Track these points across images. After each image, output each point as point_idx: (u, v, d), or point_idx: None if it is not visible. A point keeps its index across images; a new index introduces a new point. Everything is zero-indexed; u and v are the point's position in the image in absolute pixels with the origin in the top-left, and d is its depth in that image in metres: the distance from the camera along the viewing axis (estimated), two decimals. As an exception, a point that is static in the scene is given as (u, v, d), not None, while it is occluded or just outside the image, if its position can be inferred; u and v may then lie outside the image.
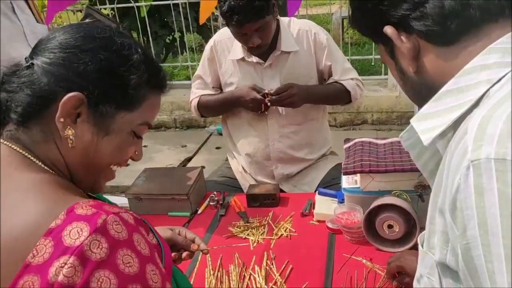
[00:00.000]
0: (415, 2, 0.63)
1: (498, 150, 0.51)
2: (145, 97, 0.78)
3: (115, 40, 0.75)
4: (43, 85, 0.71)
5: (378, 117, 3.94)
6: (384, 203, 1.33)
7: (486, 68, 0.60)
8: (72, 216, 0.61)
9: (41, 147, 0.73)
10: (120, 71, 0.74)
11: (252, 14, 1.60)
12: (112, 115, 0.75)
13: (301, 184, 1.93)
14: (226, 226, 1.56)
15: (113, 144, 0.76)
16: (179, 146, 3.99)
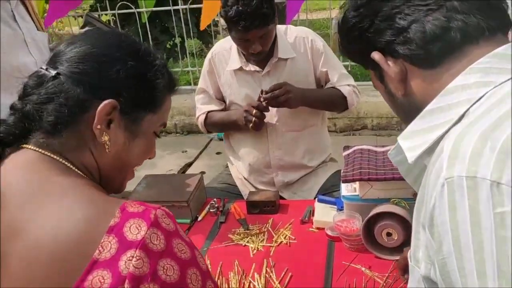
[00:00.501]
0: (398, 28, 0.67)
1: (469, 168, 0.53)
2: (165, 99, 0.83)
3: (139, 47, 0.80)
4: (77, 94, 0.73)
5: (378, 123, 3.95)
6: (383, 211, 1.33)
7: (467, 88, 0.62)
8: (126, 214, 0.66)
9: (74, 153, 0.76)
10: (148, 76, 0.78)
11: (259, 21, 1.62)
12: (142, 118, 0.79)
13: (301, 191, 1.94)
14: (226, 233, 1.56)
15: (141, 145, 0.81)
16: (179, 151, 4.00)
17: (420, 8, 0.65)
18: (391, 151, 0.76)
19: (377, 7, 0.70)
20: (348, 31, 0.76)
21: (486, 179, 0.52)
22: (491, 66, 0.62)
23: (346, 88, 1.87)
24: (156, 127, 0.83)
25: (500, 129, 0.54)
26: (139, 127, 0.79)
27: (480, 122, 0.57)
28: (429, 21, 0.65)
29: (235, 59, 1.84)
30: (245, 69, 1.84)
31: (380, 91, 0.79)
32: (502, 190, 0.51)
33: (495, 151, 0.52)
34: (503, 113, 0.56)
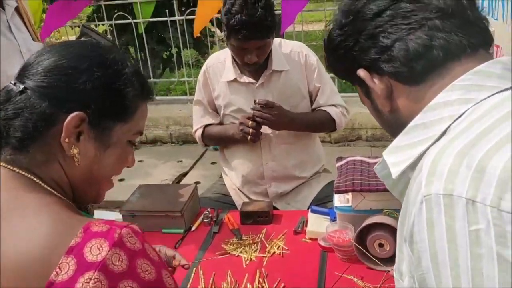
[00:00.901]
0: (382, 47, 0.69)
1: (446, 186, 0.54)
2: (138, 107, 0.81)
3: (107, 56, 0.78)
4: (43, 108, 0.72)
5: (373, 134, 3.97)
6: (375, 222, 1.34)
7: (449, 105, 0.64)
8: (89, 234, 0.64)
9: (43, 168, 0.75)
10: (116, 85, 0.77)
11: (260, 33, 1.64)
12: (111, 128, 0.78)
13: (295, 201, 1.95)
14: (219, 243, 1.57)
15: (114, 156, 0.80)
16: (174, 161, 4.00)
17: (402, 27, 0.67)
18: (376, 166, 0.77)
19: (361, 26, 0.71)
20: (333, 49, 0.78)
21: (461, 197, 0.53)
22: (472, 83, 0.63)
23: (334, 110, 1.91)
24: (130, 136, 0.82)
25: (477, 147, 0.55)
26: (110, 138, 0.78)
27: (458, 139, 0.58)
28: (411, 39, 0.67)
29: (230, 70, 1.86)
30: (240, 81, 1.85)
31: (367, 106, 0.81)
32: (477, 208, 0.52)
33: (471, 169, 0.53)
34: (481, 130, 0.57)
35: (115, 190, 3.23)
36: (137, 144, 4.41)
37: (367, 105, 0.80)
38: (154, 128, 4.42)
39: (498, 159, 0.53)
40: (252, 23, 1.61)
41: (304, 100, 1.90)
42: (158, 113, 4.45)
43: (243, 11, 1.61)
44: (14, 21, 1.58)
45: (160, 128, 4.42)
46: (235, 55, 1.78)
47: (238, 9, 1.62)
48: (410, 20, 0.67)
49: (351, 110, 3.90)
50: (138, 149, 4.34)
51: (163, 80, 5.22)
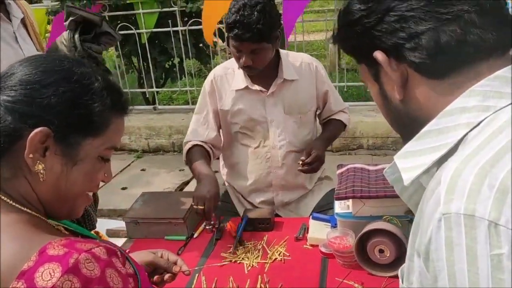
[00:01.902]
0: (411, 33, 0.62)
1: (468, 205, 0.52)
2: (110, 122, 0.79)
3: (75, 71, 0.77)
4: (8, 123, 0.71)
5: (374, 142, 3.99)
6: (375, 228, 1.36)
7: (466, 111, 0.60)
8: (44, 257, 0.62)
9: (10, 183, 0.74)
10: (83, 100, 0.75)
11: (250, 35, 1.66)
12: (79, 144, 0.76)
13: (297, 208, 1.97)
14: (221, 249, 1.58)
15: (83, 172, 0.78)
16: (176, 170, 4.02)
17: (437, 16, 0.61)
18: (386, 169, 0.74)
19: (390, 5, 0.64)
20: (349, 24, 0.70)
21: (484, 219, 0.50)
22: (491, 90, 0.60)
23: (344, 116, 2.06)
24: (101, 151, 0.79)
25: (499, 165, 0.52)
26: (78, 153, 0.76)
27: (479, 154, 0.55)
28: (444, 31, 0.61)
29: (241, 79, 1.87)
30: (251, 89, 1.86)
31: (372, 90, 0.75)
32: (500, 231, 0.50)
33: (493, 189, 0.51)
34: (503, 146, 0.54)
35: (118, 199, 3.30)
36: (140, 153, 4.44)
37: (373, 88, 0.74)
38: (156, 137, 4.45)
39: None
40: (244, 23, 1.64)
41: (312, 109, 1.95)
42: (160, 122, 4.49)
43: (240, 11, 1.66)
44: (20, 32, 1.61)
45: (163, 137, 4.45)
46: (234, 56, 1.81)
47: (236, 10, 1.67)
48: (447, 9, 0.61)
49: (353, 119, 3.94)
50: (140, 158, 4.37)
51: (165, 89, 5.26)
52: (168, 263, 1.15)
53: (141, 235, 1.70)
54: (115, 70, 4.84)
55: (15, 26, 1.59)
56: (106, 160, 0.82)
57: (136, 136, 4.46)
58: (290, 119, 1.89)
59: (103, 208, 3.23)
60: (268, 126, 1.88)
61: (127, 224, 1.72)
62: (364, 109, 4.19)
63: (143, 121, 4.53)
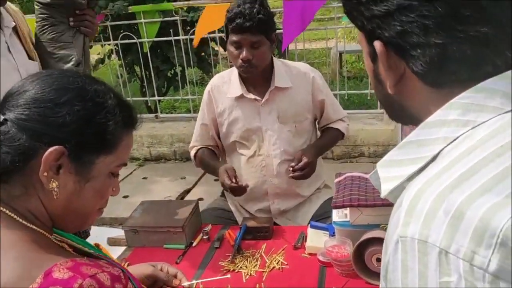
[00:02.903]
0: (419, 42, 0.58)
1: (422, 231, 0.51)
2: (121, 139, 0.80)
3: (88, 88, 0.77)
4: (22, 141, 0.71)
5: (375, 150, 4.00)
6: (373, 236, 1.36)
7: (445, 125, 0.58)
8: (49, 280, 0.62)
9: (21, 201, 0.74)
10: (96, 119, 0.75)
11: (252, 24, 1.71)
12: (93, 162, 0.76)
13: (295, 217, 1.97)
14: (220, 258, 1.59)
15: (95, 189, 0.78)
16: (178, 178, 4.03)
17: (451, 32, 0.56)
18: (371, 175, 0.73)
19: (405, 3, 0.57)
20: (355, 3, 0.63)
21: (435, 246, 0.50)
22: (472, 102, 0.56)
23: (342, 124, 2.05)
24: (112, 168, 0.80)
25: (459, 189, 0.51)
26: (91, 171, 0.77)
27: (442, 176, 0.53)
28: (455, 50, 0.56)
29: (237, 87, 1.89)
30: (246, 97, 1.88)
31: (367, 66, 0.71)
32: (450, 259, 0.49)
33: (448, 215, 0.50)
34: (468, 168, 0.52)
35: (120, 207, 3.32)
36: (142, 161, 4.45)
37: (368, 66, 0.70)
38: (158, 145, 4.46)
39: (478, 206, 0.48)
40: (246, 13, 1.70)
41: (307, 118, 1.95)
42: (162, 131, 4.51)
43: (240, 6, 1.72)
44: (12, 41, 1.60)
45: (164, 145, 4.46)
46: (231, 57, 1.83)
47: (236, 5, 1.74)
48: (463, 27, 0.55)
49: (354, 126, 3.99)
50: (142, 166, 4.38)
51: (167, 98, 5.29)
52: (168, 276, 1.15)
53: (140, 243, 1.70)
54: (117, 79, 4.88)
55: (7, 36, 1.59)
56: (116, 175, 0.83)
57: (138, 144, 4.48)
58: (284, 128, 1.90)
59: (105, 217, 3.24)
60: (263, 135, 1.89)
61: (126, 232, 1.72)
62: (365, 117, 4.20)
63: (145, 130, 4.54)
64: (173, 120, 4.76)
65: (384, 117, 4.04)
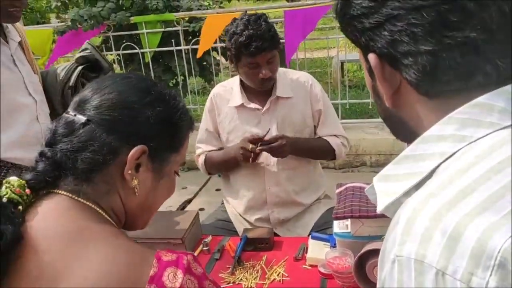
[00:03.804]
0: (410, 50, 0.57)
1: (418, 250, 0.50)
2: (186, 138, 0.87)
3: (165, 91, 0.83)
4: (109, 141, 0.75)
5: (377, 159, 3.98)
6: (374, 248, 1.34)
7: (442, 140, 0.57)
8: (162, 263, 0.69)
9: (105, 199, 0.77)
10: (174, 120, 0.82)
11: (268, 43, 1.74)
12: (168, 160, 0.82)
13: (295, 227, 1.96)
14: (220, 270, 1.57)
15: (167, 185, 0.84)
16: (179, 188, 4.02)
17: (440, 39, 0.55)
18: (367, 189, 0.72)
19: (395, 12, 0.57)
20: (345, 18, 0.64)
21: (432, 266, 0.49)
22: (469, 117, 0.56)
23: (335, 140, 1.97)
24: (177, 166, 0.86)
25: (456, 208, 0.50)
26: (165, 168, 0.82)
27: (440, 194, 0.52)
28: (444, 57, 0.56)
29: (238, 96, 1.91)
30: (247, 106, 1.90)
31: (366, 80, 0.71)
32: (446, 280, 0.48)
33: (445, 236, 0.49)
34: (465, 186, 0.51)
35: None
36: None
37: (368, 80, 0.70)
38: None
39: (475, 226, 0.47)
40: (259, 35, 1.72)
41: (307, 128, 1.95)
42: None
43: (248, 27, 1.72)
44: (17, 55, 1.65)
45: (166, 155, 4.45)
46: (248, 78, 1.83)
47: (243, 27, 1.73)
48: (452, 33, 0.55)
49: (355, 135, 3.98)
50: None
51: (169, 107, 5.29)
52: None
53: (140, 255, 1.69)
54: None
55: (13, 49, 1.62)
56: (177, 173, 0.88)
57: (140, 154, 4.48)
58: None
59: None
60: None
61: (126, 244, 1.71)
62: (367, 126, 4.20)
63: (147, 139, 4.54)
64: (175, 130, 4.76)
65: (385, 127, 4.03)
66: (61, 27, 4.21)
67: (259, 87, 1.85)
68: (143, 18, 4.27)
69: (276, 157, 1.84)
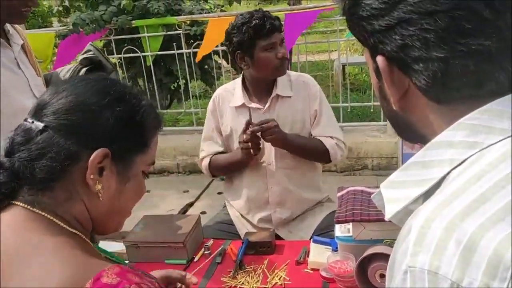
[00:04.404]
0: (421, 56, 0.56)
1: (432, 261, 0.49)
2: (153, 137, 0.84)
3: (125, 90, 0.79)
4: (68, 146, 0.72)
5: (379, 163, 3.98)
6: (376, 252, 1.34)
7: (452, 146, 0.56)
8: (98, 284, 0.64)
9: (65, 206, 0.74)
10: (136, 119, 0.79)
11: (278, 22, 1.83)
12: (133, 161, 0.79)
13: (297, 229, 1.96)
14: (221, 274, 1.57)
15: (134, 187, 0.81)
16: (181, 191, 4.02)
17: (453, 45, 0.54)
18: (374, 196, 0.72)
19: (406, 16, 0.56)
20: (354, 18, 0.62)
21: (447, 278, 0.48)
22: (480, 124, 0.54)
23: (329, 141, 1.93)
24: (145, 166, 0.83)
25: (470, 218, 0.48)
26: (131, 170, 0.79)
27: (453, 203, 0.51)
28: (456, 64, 0.54)
29: (239, 96, 1.94)
30: (248, 106, 1.91)
31: (373, 81, 0.69)
32: None
33: (460, 246, 0.47)
34: (479, 195, 0.50)
35: (121, 221, 3.15)
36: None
37: (374, 81, 0.69)
38: (161, 158, 4.46)
39: (491, 236, 0.46)
40: (269, 16, 1.81)
41: (305, 128, 1.96)
42: (165, 144, 4.50)
43: (254, 14, 1.80)
44: (21, 58, 1.66)
45: (167, 158, 4.46)
46: (266, 63, 1.83)
47: (249, 16, 1.80)
48: (465, 40, 0.53)
49: (357, 139, 3.97)
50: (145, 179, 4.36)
51: (170, 111, 5.30)
52: (180, 274, 1.22)
53: (142, 259, 1.69)
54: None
55: (16, 52, 1.64)
56: (146, 175, 0.86)
57: (141, 157, 4.48)
58: None
59: (107, 230, 3.22)
60: (264, 143, 1.88)
61: (127, 247, 1.71)
62: (369, 129, 4.19)
63: (148, 143, 4.54)
64: (176, 133, 4.77)
65: (387, 130, 4.03)
66: (62, 31, 4.22)
67: (277, 71, 1.86)
68: (144, 22, 4.28)
69: (268, 140, 1.82)
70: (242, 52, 1.84)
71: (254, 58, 1.83)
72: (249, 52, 1.83)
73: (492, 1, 0.52)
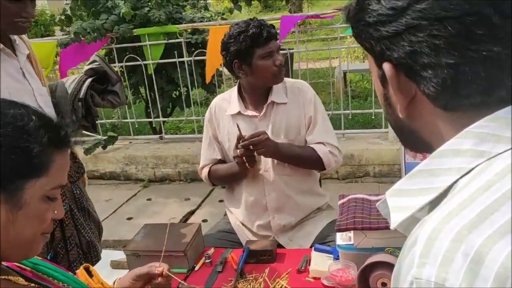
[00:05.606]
0: (430, 63, 0.55)
1: (439, 274, 0.48)
2: (51, 160, 0.77)
3: (6, 113, 0.74)
4: None
5: (380, 170, 3.96)
6: (378, 260, 1.33)
7: (459, 155, 0.55)
8: None
9: None
10: (19, 144, 0.72)
11: (274, 30, 1.85)
12: (22, 188, 0.73)
13: (297, 237, 1.95)
14: (222, 283, 1.56)
15: (29, 215, 0.75)
16: (182, 199, 4.01)
17: (463, 51, 0.53)
18: (379, 204, 0.71)
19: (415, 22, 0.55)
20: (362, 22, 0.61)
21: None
22: (488, 132, 0.54)
23: (323, 148, 1.92)
24: (47, 191, 0.77)
25: (478, 230, 0.48)
26: (21, 198, 0.74)
27: (460, 214, 0.50)
28: (466, 71, 0.54)
29: (235, 104, 1.96)
30: (244, 114, 1.93)
31: (377, 88, 0.68)
32: None
33: (467, 259, 0.47)
34: (486, 206, 0.49)
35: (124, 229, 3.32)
36: (146, 183, 4.44)
37: (379, 92, 0.68)
38: (162, 166, 4.46)
39: (499, 249, 0.45)
40: (265, 24, 1.82)
41: (300, 134, 1.96)
42: (166, 151, 4.51)
43: (250, 23, 1.81)
44: (26, 68, 1.67)
45: (169, 166, 4.46)
46: (264, 71, 1.83)
47: (245, 25, 1.81)
48: (476, 46, 0.53)
49: (358, 146, 3.97)
50: (147, 188, 4.37)
51: (171, 119, 5.31)
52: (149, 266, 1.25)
53: (142, 267, 1.68)
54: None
55: (22, 62, 1.65)
56: (53, 199, 0.79)
57: (143, 165, 4.48)
58: (278, 141, 1.89)
59: (108, 239, 3.21)
60: None
61: (127, 256, 1.70)
62: (370, 136, 4.19)
63: (150, 151, 4.55)
64: (178, 141, 4.78)
65: (389, 137, 4.03)
66: (64, 40, 4.24)
67: (275, 78, 1.87)
68: (146, 30, 4.29)
69: (259, 153, 1.83)
70: (239, 61, 1.84)
71: (252, 67, 1.84)
72: (247, 60, 1.83)
73: (501, 7, 0.52)
